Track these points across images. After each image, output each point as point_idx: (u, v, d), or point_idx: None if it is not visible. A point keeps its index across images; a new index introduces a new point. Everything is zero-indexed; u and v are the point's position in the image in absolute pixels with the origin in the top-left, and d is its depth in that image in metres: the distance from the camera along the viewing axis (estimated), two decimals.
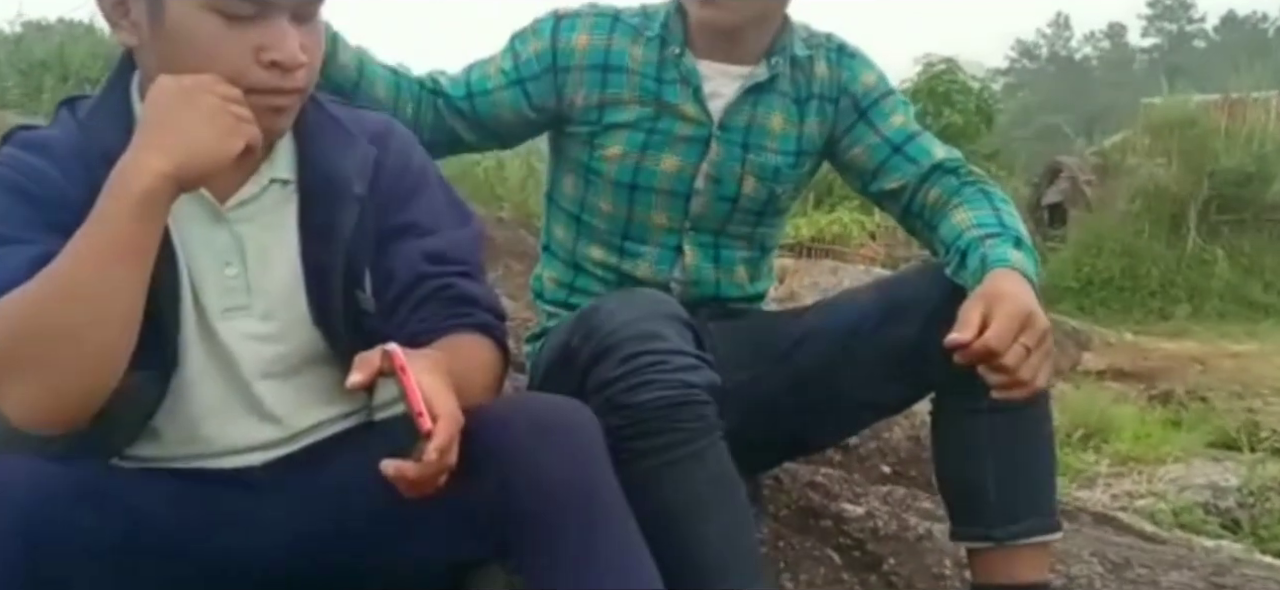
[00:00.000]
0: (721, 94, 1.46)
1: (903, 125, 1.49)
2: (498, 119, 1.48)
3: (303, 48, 1.02)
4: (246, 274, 1.07)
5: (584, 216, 1.50)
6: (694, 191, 1.47)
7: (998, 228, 1.35)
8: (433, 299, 1.12)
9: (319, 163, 1.10)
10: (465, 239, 1.18)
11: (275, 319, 1.09)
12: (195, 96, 0.95)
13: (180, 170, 0.94)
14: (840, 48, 1.52)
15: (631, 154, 1.45)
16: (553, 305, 1.54)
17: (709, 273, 1.52)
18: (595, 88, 1.46)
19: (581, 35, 1.46)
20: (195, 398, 1.07)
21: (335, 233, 1.09)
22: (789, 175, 1.50)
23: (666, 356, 1.17)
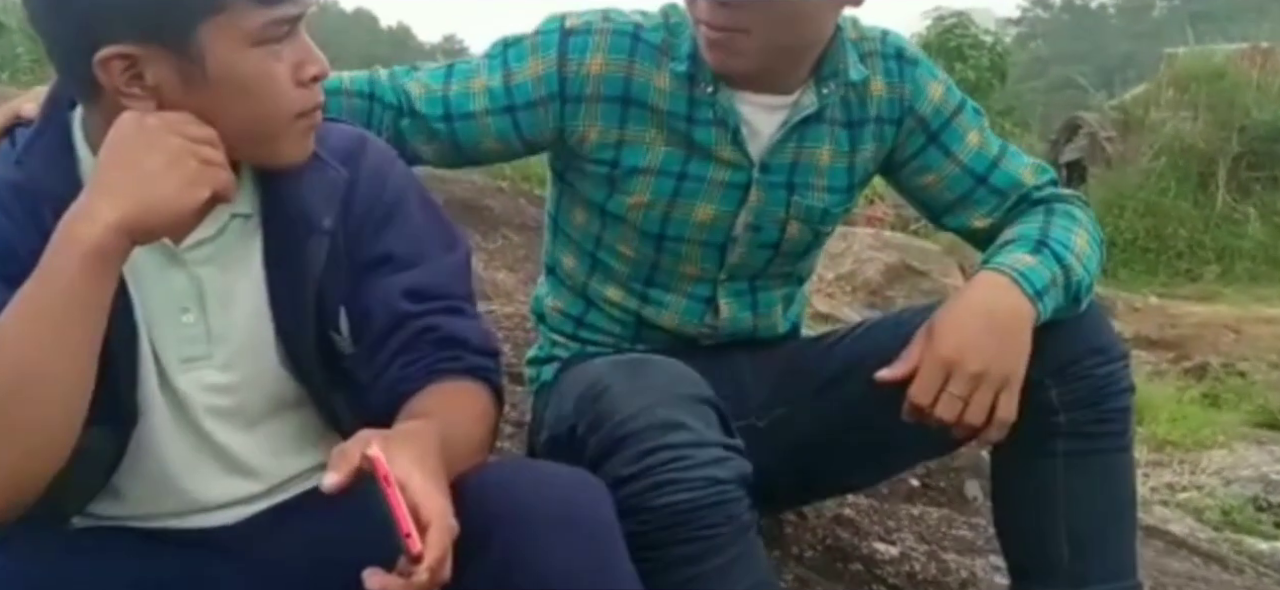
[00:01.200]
0: (762, 131, 1.26)
1: (981, 147, 1.32)
2: (478, 147, 1.27)
3: None
4: (206, 320, 0.98)
5: (599, 255, 1.33)
6: (731, 240, 1.30)
7: (1029, 235, 1.22)
8: (416, 342, 1.01)
9: (282, 193, 0.99)
10: (451, 267, 1.06)
11: (238, 367, 0.99)
12: (158, 138, 0.85)
13: (135, 222, 0.84)
14: (898, 53, 1.31)
15: (659, 203, 1.27)
16: (558, 334, 1.39)
17: (746, 321, 1.37)
18: (613, 124, 1.25)
19: (596, 58, 1.23)
20: (160, 454, 0.98)
21: (303, 271, 0.99)
22: (837, 214, 1.34)
23: (689, 450, 1.02)
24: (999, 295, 1.15)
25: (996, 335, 1.13)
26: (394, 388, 0.99)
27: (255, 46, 0.89)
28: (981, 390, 1.11)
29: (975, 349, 1.11)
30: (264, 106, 0.92)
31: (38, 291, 0.84)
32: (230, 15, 0.87)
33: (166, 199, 0.85)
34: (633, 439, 1.02)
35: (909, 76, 1.30)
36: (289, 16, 0.90)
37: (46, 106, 0.96)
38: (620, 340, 1.35)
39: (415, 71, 1.28)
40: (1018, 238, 1.23)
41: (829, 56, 1.25)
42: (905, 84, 1.30)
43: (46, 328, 0.83)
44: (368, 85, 1.25)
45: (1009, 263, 1.18)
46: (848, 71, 1.25)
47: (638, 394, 1.04)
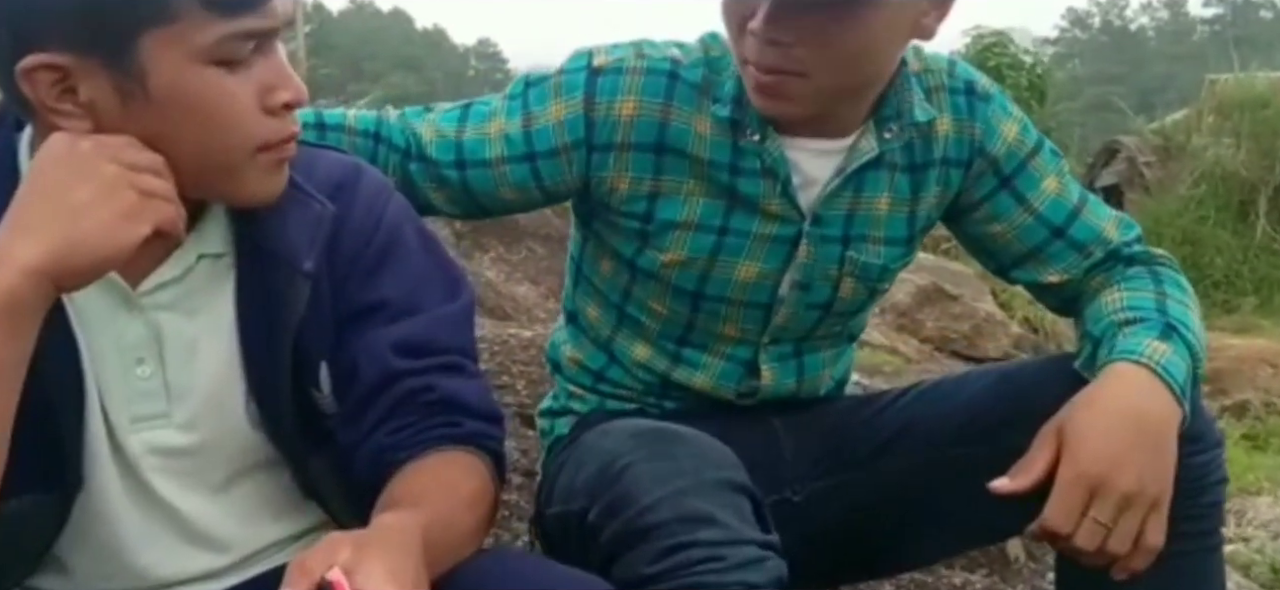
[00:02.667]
0: (814, 180, 1.13)
1: (1060, 194, 1.17)
2: (494, 197, 1.14)
3: None
4: (164, 373, 0.86)
5: (627, 309, 1.20)
6: (777, 301, 1.17)
7: (1150, 312, 1.07)
8: (407, 404, 0.90)
9: (259, 230, 0.87)
10: (451, 318, 0.95)
11: (202, 427, 0.88)
12: (88, 165, 0.73)
13: (57, 265, 0.72)
14: (969, 88, 1.16)
15: (697, 260, 1.14)
16: (576, 386, 1.26)
17: (789, 386, 1.24)
18: (645, 173, 1.11)
19: (627, 101, 1.10)
20: (109, 523, 0.87)
21: (281, 319, 0.87)
22: (895, 269, 1.21)
23: (722, 549, 0.89)
24: (1147, 397, 0.99)
25: (1149, 446, 0.97)
26: (381, 456, 0.88)
27: (209, 65, 0.78)
28: (1130, 514, 0.96)
29: (1126, 465, 0.95)
30: (218, 135, 0.80)
31: None
32: (180, 27, 0.75)
33: (96, 237, 0.73)
34: (657, 532, 0.89)
35: (980, 114, 1.16)
36: (253, 30, 0.78)
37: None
38: (644, 397, 1.23)
39: (428, 112, 1.16)
40: (1137, 315, 1.08)
41: (891, 95, 1.11)
42: (976, 122, 1.16)
43: None
44: (375, 125, 1.14)
45: (1145, 352, 1.02)
46: (913, 111, 1.12)
47: (663, 478, 0.91)
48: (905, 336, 4.65)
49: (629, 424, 1.03)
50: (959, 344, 4.86)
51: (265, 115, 0.81)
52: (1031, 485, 0.98)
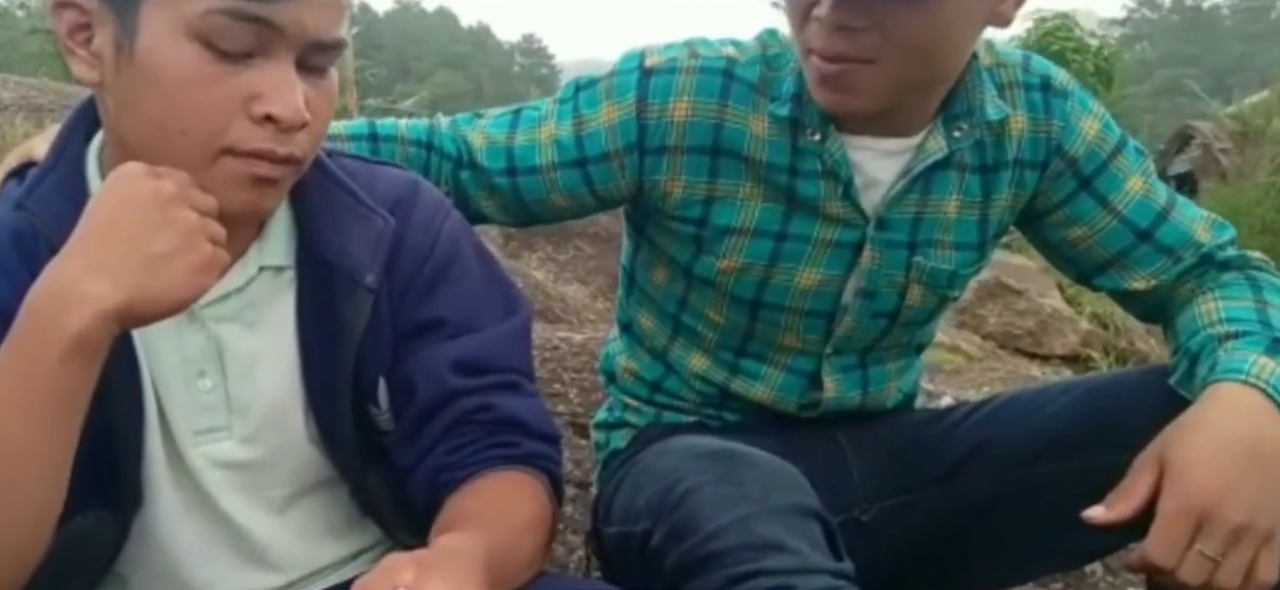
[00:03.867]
0: (878, 181, 1.09)
1: (1146, 195, 1.13)
2: (546, 204, 1.13)
3: (308, 104, 0.79)
4: (225, 386, 0.87)
5: (683, 318, 1.18)
6: (840, 309, 1.14)
7: (1253, 324, 1.02)
8: (465, 424, 0.89)
9: (322, 244, 0.87)
10: (508, 335, 0.94)
11: (262, 441, 0.88)
12: (170, 210, 0.73)
13: (132, 309, 0.72)
14: (1045, 84, 1.12)
15: (755, 268, 1.11)
16: (632, 398, 1.25)
17: (853, 398, 1.21)
18: (701, 176, 1.09)
19: (681, 102, 1.07)
20: (169, 541, 0.88)
21: (342, 333, 0.87)
22: (967, 275, 1.16)
23: (793, 578, 0.86)
24: (1257, 421, 0.93)
25: (1261, 474, 0.91)
26: (438, 475, 0.88)
27: (194, 40, 0.76)
28: (1241, 548, 0.91)
29: (1236, 494, 0.90)
30: (179, 115, 0.77)
31: (9, 375, 0.72)
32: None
33: (174, 289, 0.73)
34: (723, 559, 0.86)
35: (1058, 111, 1.11)
36: (251, 14, 0.75)
37: (57, 142, 0.86)
38: (702, 409, 1.22)
39: (479, 119, 1.15)
40: (1238, 328, 1.03)
41: (961, 91, 1.07)
42: (1053, 119, 1.11)
43: (17, 426, 0.72)
44: (427, 134, 1.14)
45: (1252, 371, 0.96)
46: (984, 108, 1.07)
47: (730, 503, 0.89)
48: (966, 334, 4.57)
49: (690, 442, 1.01)
50: (1023, 341, 4.76)
51: (245, 120, 0.78)
52: (1131, 515, 0.94)
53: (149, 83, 0.76)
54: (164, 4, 0.75)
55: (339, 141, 1.11)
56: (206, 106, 0.77)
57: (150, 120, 0.77)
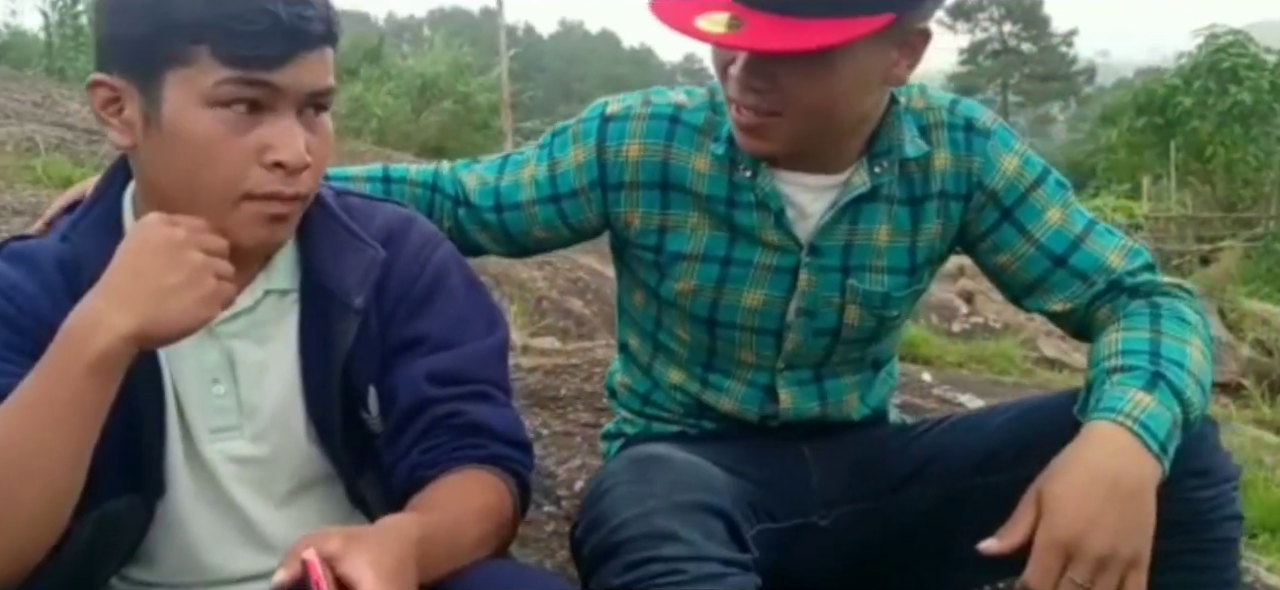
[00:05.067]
0: (810, 213, 1.23)
1: (1062, 225, 1.24)
2: (528, 236, 1.32)
3: (308, 148, 0.97)
4: (237, 391, 1.04)
5: (660, 337, 1.35)
6: (785, 327, 1.28)
7: (1141, 358, 1.11)
8: (437, 428, 1.05)
9: (320, 272, 1.05)
10: (484, 351, 1.09)
11: (269, 440, 1.05)
12: (181, 253, 0.91)
13: (145, 334, 0.90)
14: (967, 125, 1.24)
15: (706, 289, 1.27)
16: (627, 410, 1.42)
17: (811, 410, 1.34)
18: (654, 209, 1.26)
19: (633, 144, 1.25)
20: (187, 525, 1.05)
21: (332, 348, 1.04)
22: (902, 296, 1.29)
23: (684, 564, 1.00)
24: (1122, 459, 1.03)
25: (1121, 507, 1.01)
26: (414, 472, 1.03)
27: (209, 107, 0.92)
28: (1107, 574, 1.01)
29: (1099, 527, 1.00)
30: (202, 172, 0.93)
31: (40, 384, 0.88)
32: (192, 68, 0.92)
33: (181, 316, 0.89)
34: (625, 547, 1.01)
35: (979, 148, 1.23)
36: (255, 79, 0.92)
37: (99, 185, 1.05)
38: (684, 419, 1.36)
39: (475, 164, 1.34)
40: (1126, 362, 1.12)
41: (882, 132, 1.21)
42: (974, 157, 1.23)
43: (44, 423, 0.87)
44: (432, 177, 1.33)
45: (1125, 408, 1.06)
46: (903, 147, 1.21)
47: (637, 499, 1.03)
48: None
49: (636, 450, 1.16)
50: None
51: (258, 168, 0.94)
52: (1014, 547, 1.04)
53: (176, 145, 0.94)
54: (183, 80, 0.93)
55: (357, 182, 1.30)
56: (225, 161, 0.94)
57: (180, 175, 0.96)
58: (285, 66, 0.93)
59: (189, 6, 0.91)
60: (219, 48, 0.91)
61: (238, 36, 0.91)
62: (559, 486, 1.71)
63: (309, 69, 0.95)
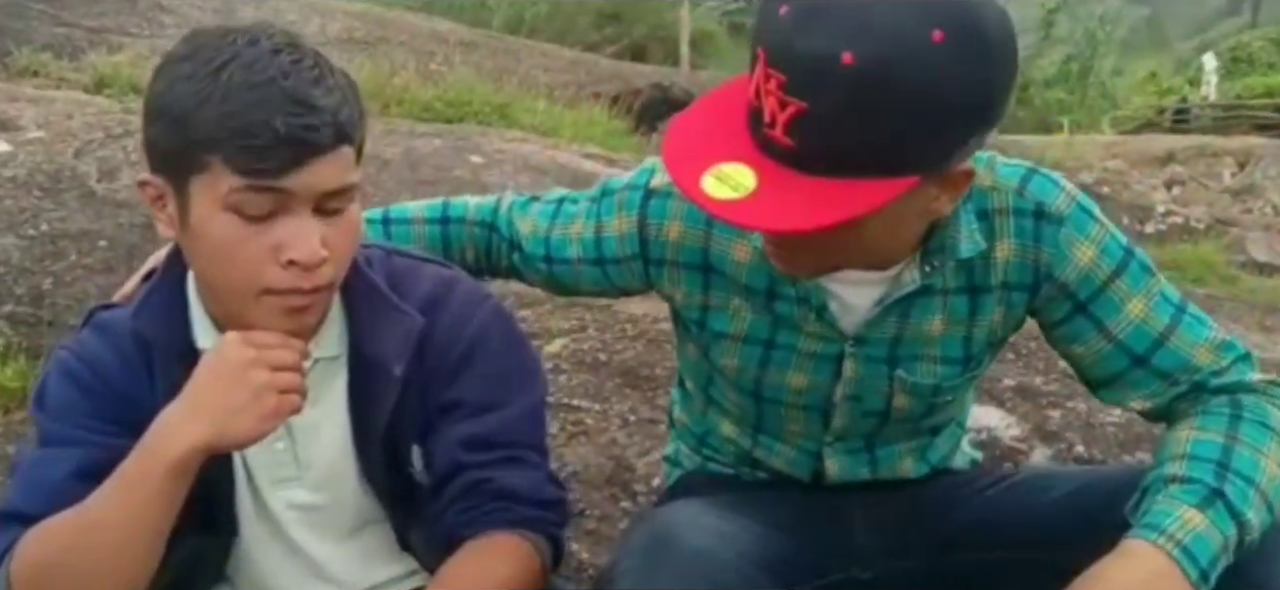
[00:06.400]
0: (855, 307, 1.19)
1: (1144, 319, 1.16)
2: (578, 288, 1.34)
3: (326, 242, 1.04)
4: (294, 448, 1.17)
5: (711, 392, 1.36)
6: (832, 407, 1.27)
7: (1206, 469, 1.08)
8: (470, 493, 1.15)
9: (363, 340, 1.16)
10: (518, 416, 1.18)
11: (326, 489, 1.19)
12: (246, 373, 1.01)
13: (214, 443, 1.02)
14: (1037, 210, 1.16)
15: (749, 368, 1.26)
16: (684, 444, 1.46)
17: (862, 473, 1.34)
18: (696, 289, 1.25)
19: (673, 225, 1.23)
20: (258, 560, 1.21)
21: (375, 412, 1.16)
22: (953, 386, 1.25)
23: None
24: (1154, 584, 1.02)
25: None
26: (450, 533, 1.14)
27: (227, 211, 1.00)
28: None
29: None
30: (224, 271, 1.03)
31: (126, 481, 1.02)
32: (211, 175, 1.00)
33: (245, 431, 1.01)
34: None
35: (1048, 239, 1.15)
36: (265, 187, 0.99)
37: (167, 259, 1.17)
38: (738, 465, 1.40)
39: (532, 203, 1.36)
40: (1188, 471, 1.09)
41: (937, 230, 1.14)
42: (1042, 247, 1.16)
43: (127, 516, 1.02)
44: (490, 215, 1.36)
45: (1170, 528, 1.04)
46: (958, 247, 1.15)
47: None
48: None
49: (642, 532, 1.18)
50: None
51: (275, 266, 1.02)
52: None
53: (202, 244, 1.04)
54: (205, 186, 1.02)
55: (417, 224, 1.39)
56: (243, 260, 1.02)
57: (208, 270, 1.07)
58: (293, 173, 1.00)
59: (204, 123, 0.99)
60: (231, 159, 1.00)
61: (245, 150, 0.99)
62: (636, 480, 1.79)
63: (318, 173, 1.02)
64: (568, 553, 1.63)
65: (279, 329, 1.06)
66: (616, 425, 1.91)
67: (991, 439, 1.92)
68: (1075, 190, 1.19)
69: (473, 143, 3.59)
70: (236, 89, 0.99)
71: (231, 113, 0.99)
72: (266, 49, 1.02)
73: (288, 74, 1.01)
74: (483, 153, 3.49)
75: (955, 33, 0.95)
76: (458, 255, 1.37)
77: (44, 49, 4.51)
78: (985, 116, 1.00)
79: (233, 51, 1.01)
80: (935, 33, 0.94)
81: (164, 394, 1.07)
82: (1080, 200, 1.18)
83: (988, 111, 1.00)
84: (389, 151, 3.37)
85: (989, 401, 2.02)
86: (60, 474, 1.09)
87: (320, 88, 1.02)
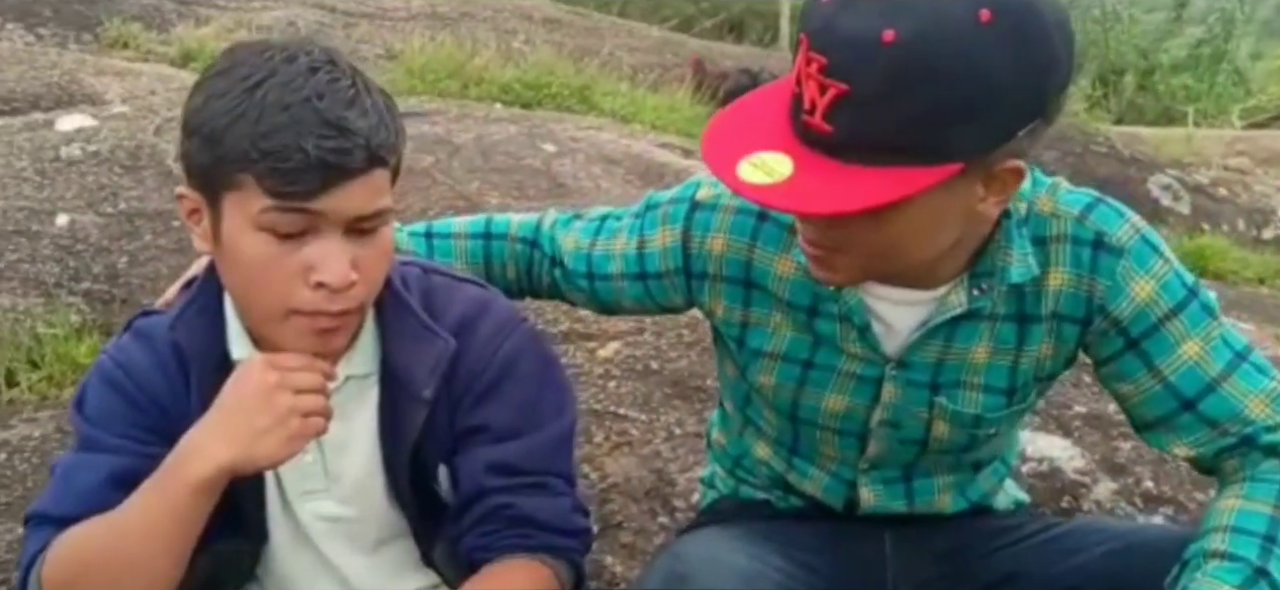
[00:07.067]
0: (898, 328, 1.19)
1: (1198, 362, 1.14)
2: (619, 305, 1.35)
3: (357, 263, 1.07)
4: (323, 461, 1.20)
5: (748, 412, 1.36)
6: (869, 431, 1.27)
7: (1250, 544, 1.06)
8: (491, 518, 1.18)
9: (392, 361, 1.18)
10: (545, 443, 1.21)
11: (354, 503, 1.22)
12: (271, 396, 1.05)
13: (239, 464, 1.06)
14: (1096, 240, 1.14)
15: (787, 387, 1.26)
16: (721, 468, 1.47)
17: (898, 505, 1.33)
18: (736, 304, 1.26)
19: (717, 238, 1.24)
20: (287, 568, 1.25)
21: (403, 432, 1.19)
22: (998, 416, 1.23)
23: None
24: None
25: None
26: (471, 555, 1.18)
27: (258, 230, 1.03)
28: None
29: None
30: (254, 290, 1.06)
31: (153, 496, 1.06)
32: (243, 193, 1.02)
33: (267, 453, 1.05)
34: None
35: (1106, 270, 1.13)
36: (294, 208, 1.01)
37: (206, 271, 1.19)
38: (771, 490, 1.40)
39: (576, 221, 1.38)
40: (1231, 546, 1.07)
41: (987, 251, 1.14)
42: (1098, 278, 1.14)
43: (150, 529, 1.06)
44: (532, 232, 1.38)
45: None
46: (1009, 271, 1.14)
47: None
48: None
49: (678, 559, 1.19)
50: None
51: (304, 288, 1.04)
52: None
53: (233, 260, 1.08)
54: (237, 203, 1.04)
55: (458, 239, 1.40)
56: (272, 280, 1.05)
57: (238, 288, 1.10)
58: (323, 196, 1.03)
59: (236, 142, 1.02)
60: (262, 180, 1.02)
61: (276, 171, 1.01)
62: (676, 495, 1.80)
63: (349, 196, 1.04)
64: (602, 566, 1.67)
65: (306, 350, 1.09)
66: (661, 437, 1.92)
67: (1052, 470, 1.88)
68: (1142, 224, 1.16)
69: (547, 129, 3.61)
70: (270, 109, 1.01)
71: (264, 133, 1.01)
72: (303, 67, 1.04)
73: (323, 95, 1.02)
74: (556, 140, 3.51)
75: (1004, 14, 0.94)
76: (499, 272, 1.39)
77: (133, 19, 4.66)
78: (1035, 107, 0.98)
79: (269, 69, 1.03)
80: (982, 12, 0.93)
81: (200, 405, 1.11)
82: (1146, 234, 1.15)
83: (1038, 102, 0.98)
84: (461, 137, 3.42)
85: (1055, 429, 1.98)
86: (95, 480, 1.14)
87: (355, 109, 1.04)
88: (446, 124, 3.56)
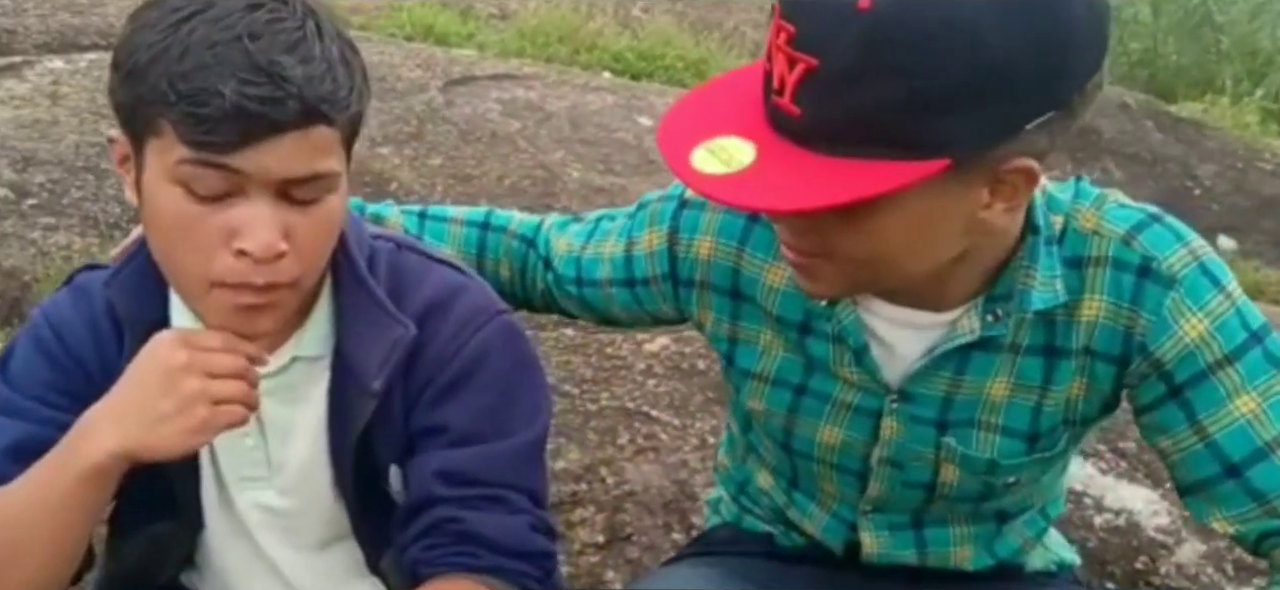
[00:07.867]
0: (902, 353, 1.06)
1: (1252, 420, 0.97)
2: (609, 313, 1.24)
3: (291, 234, 0.96)
4: (266, 447, 1.12)
5: (751, 438, 1.24)
6: (869, 470, 1.13)
7: None
8: (436, 529, 1.08)
9: (343, 345, 1.09)
10: (508, 453, 1.09)
11: (296, 495, 1.14)
12: (175, 379, 0.95)
13: (134, 451, 0.96)
14: (1143, 267, 0.98)
15: (778, 414, 1.14)
16: (726, 491, 1.35)
17: (906, 555, 1.19)
18: (724, 316, 1.14)
19: (704, 240, 1.12)
20: (222, 559, 1.18)
21: (349, 425, 1.09)
22: (1018, 463, 1.09)
23: None
24: None
25: None
26: (414, 566, 1.07)
27: (175, 184, 0.92)
28: None
29: None
30: (175, 254, 0.96)
31: (44, 475, 0.98)
32: (162, 141, 0.92)
33: (168, 443, 0.95)
34: None
35: (1151, 302, 0.97)
36: (212, 162, 0.90)
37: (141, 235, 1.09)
38: (774, 524, 1.28)
39: (573, 222, 1.27)
40: None
41: (1007, 270, 0.99)
42: (1141, 312, 0.98)
43: (36, 516, 0.98)
44: (532, 231, 1.28)
45: None
46: (1029, 295, 0.99)
47: None
48: None
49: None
50: None
51: (227, 254, 0.93)
52: None
53: (151, 217, 0.97)
54: (156, 152, 0.94)
55: (454, 226, 1.30)
56: (190, 242, 0.94)
57: (158, 250, 0.99)
58: (245, 150, 0.91)
59: (156, 80, 0.91)
60: (177, 126, 0.91)
61: (191, 117, 0.90)
62: (695, 510, 1.69)
63: (277, 154, 0.92)
64: (602, 580, 1.58)
65: (229, 328, 0.99)
66: (692, 446, 1.81)
67: (1130, 526, 1.70)
68: (1204, 249, 0.98)
69: (646, 102, 3.52)
70: (195, 46, 0.90)
71: (183, 73, 0.90)
72: (242, 2, 0.93)
73: (257, 35, 0.91)
74: (655, 114, 3.42)
75: None
76: (492, 268, 1.29)
77: None
78: (1049, 95, 0.83)
79: (205, 1, 0.93)
80: None
81: None
82: (1206, 262, 0.98)
83: (1053, 89, 0.83)
84: (555, 104, 3.36)
85: (1141, 479, 1.80)
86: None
87: (294, 55, 0.92)
88: (542, 89, 3.50)
